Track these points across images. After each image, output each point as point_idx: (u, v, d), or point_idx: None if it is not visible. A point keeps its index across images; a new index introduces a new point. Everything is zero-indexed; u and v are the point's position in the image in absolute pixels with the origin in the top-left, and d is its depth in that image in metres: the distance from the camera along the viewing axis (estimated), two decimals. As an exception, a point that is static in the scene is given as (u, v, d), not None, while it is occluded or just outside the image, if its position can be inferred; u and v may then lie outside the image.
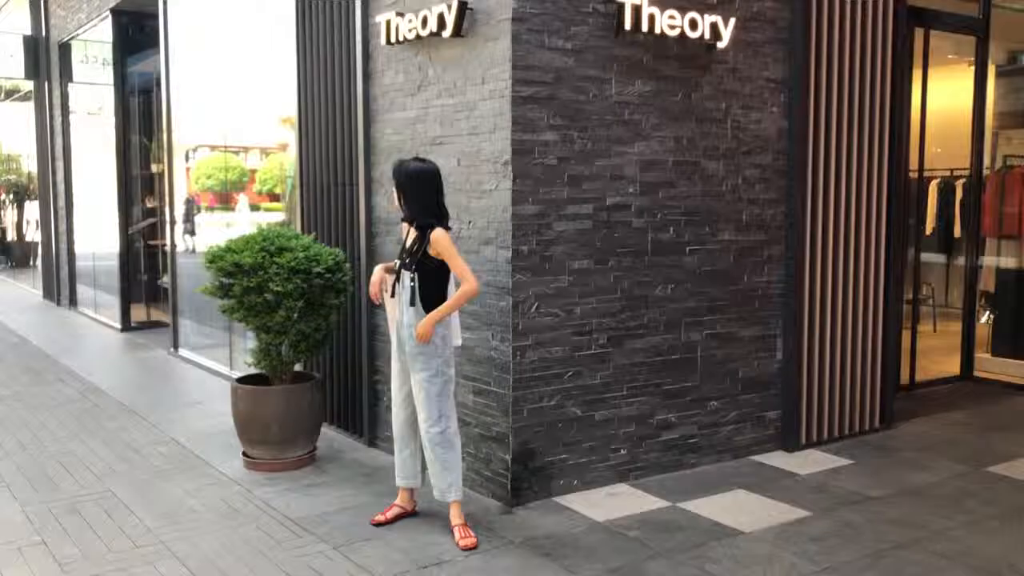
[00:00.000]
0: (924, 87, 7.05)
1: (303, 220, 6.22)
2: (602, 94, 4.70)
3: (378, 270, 4.34)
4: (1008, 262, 7.90)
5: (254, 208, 8.80)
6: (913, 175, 7.34)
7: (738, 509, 4.58)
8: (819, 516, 4.49)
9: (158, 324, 10.45)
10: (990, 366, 7.70)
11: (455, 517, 4.22)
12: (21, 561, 3.97)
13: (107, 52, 10.84)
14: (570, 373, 4.74)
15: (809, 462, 5.36)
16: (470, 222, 4.73)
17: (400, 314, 4.20)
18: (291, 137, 6.66)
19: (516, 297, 4.52)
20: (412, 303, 4.13)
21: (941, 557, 4.00)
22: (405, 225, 4.29)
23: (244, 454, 5.33)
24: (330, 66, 5.80)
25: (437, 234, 4.08)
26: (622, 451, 4.96)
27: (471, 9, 4.59)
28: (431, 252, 4.08)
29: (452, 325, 4.28)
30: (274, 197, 8.77)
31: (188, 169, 9.34)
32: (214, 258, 5.08)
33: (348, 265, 5.34)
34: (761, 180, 5.37)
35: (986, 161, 7.73)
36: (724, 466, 5.28)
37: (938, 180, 8.64)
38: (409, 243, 4.21)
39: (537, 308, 4.60)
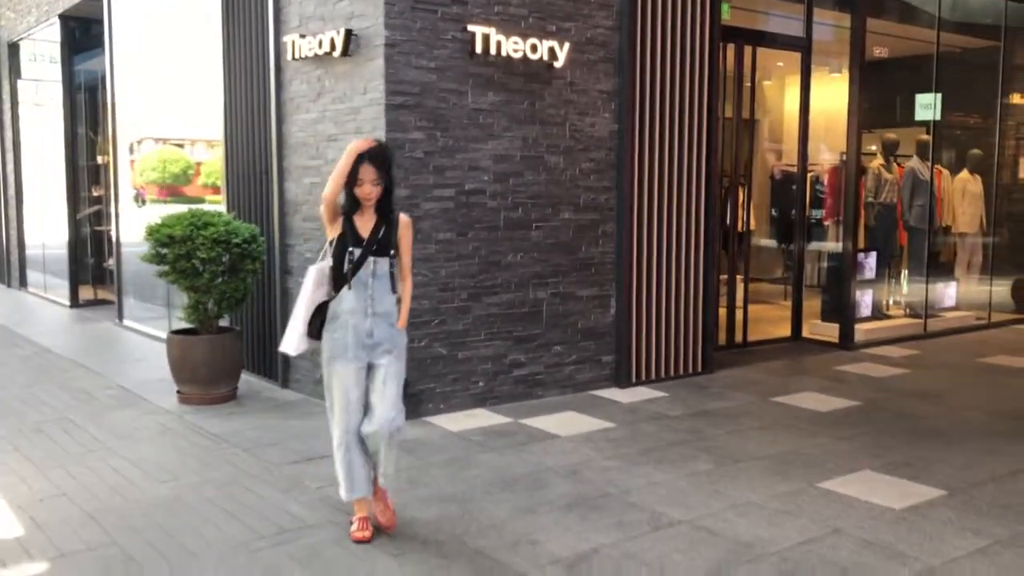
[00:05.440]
0: (753, 96, 8.49)
1: (228, 202, 7.44)
2: (460, 103, 6.02)
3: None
4: (835, 244, 9.39)
5: (198, 200, 9.79)
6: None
7: (563, 423, 5.94)
8: (621, 427, 5.88)
9: (104, 302, 11.52)
10: (816, 330, 9.19)
11: (387, 501, 4.15)
12: (2, 461, 5.17)
13: (55, 51, 11.86)
14: (436, 321, 6.05)
15: (633, 395, 6.75)
16: (357, 202, 6.00)
17: (370, 303, 3.96)
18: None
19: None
20: (394, 290, 4.04)
21: (698, 449, 5.40)
22: (338, 210, 4.00)
23: (178, 392, 6.54)
24: (249, 75, 7.02)
25: (408, 219, 4.11)
26: (480, 383, 6.29)
27: (356, 35, 5.87)
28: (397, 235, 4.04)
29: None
30: (218, 190, 9.75)
31: (132, 162, 10.37)
32: (151, 231, 6.28)
33: (263, 238, 6.57)
34: (595, 171, 6.74)
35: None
36: (565, 397, 6.64)
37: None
38: (371, 230, 3.98)
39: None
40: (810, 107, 8.88)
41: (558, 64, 6.35)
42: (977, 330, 9.88)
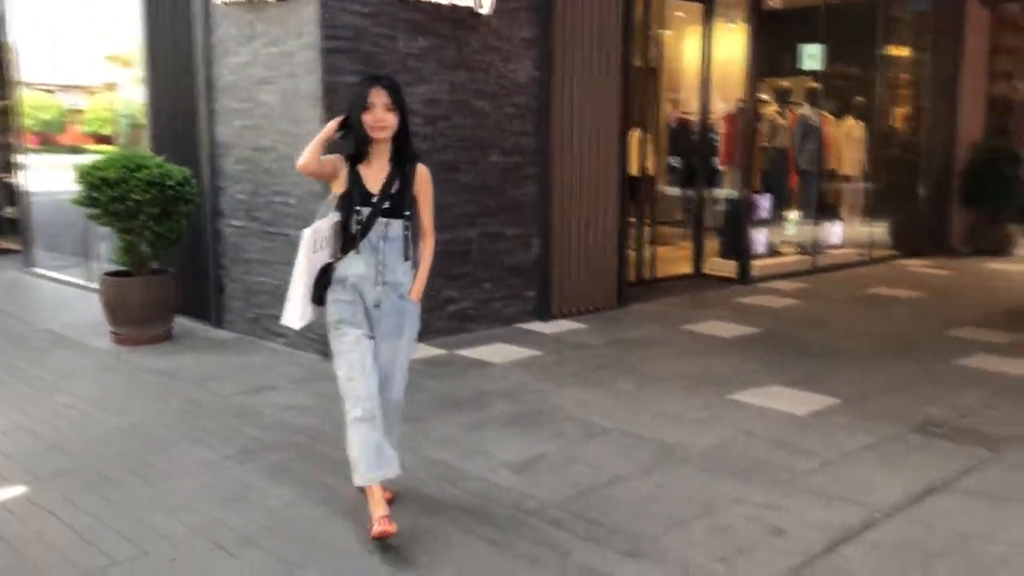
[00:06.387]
0: (659, 46, 8.94)
1: (153, 145, 7.46)
2: (392, 47, 6.24)
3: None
4: (732, 188, 10.01)
5: (76, 150, 9.53)
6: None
7: (495, 353, 6.35)
8: (548, 354, 6.33)
9: (3, 251, 11.22)
10: (716, 267, 9.84)
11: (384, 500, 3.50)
12: (-54, 400, 5.24)
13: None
14: (371, 259, 6.32)
15: (556, 327, 7.21)
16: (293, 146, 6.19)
17: (379, 271, 3.46)
18: (124, 76, 7.75)
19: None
20: (407, 257, 3.54)
21: (620, 372, 5.90)
22: (334, 162, 3.52)
23: (112, 332, 6.63)
24: (174, 18, 7.03)
25: (426, 170, 3.57)
26: (413, 318, 6.61)
27: (289, -20, 6.01)
28: (414, 191, 3.53)
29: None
30: (102, 139, 9.55)
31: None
32: (83, 174, 6.31)
33: (195, 180, 6.67)
34: (518, 116, 7.07)
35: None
36: (494, 331, 7.04)
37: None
38: (382, 184, 3.46)
39: (345, 209, 6.13)
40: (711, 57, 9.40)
41: (483, 11, 6.62)
42: (860, 265, 10.76)
